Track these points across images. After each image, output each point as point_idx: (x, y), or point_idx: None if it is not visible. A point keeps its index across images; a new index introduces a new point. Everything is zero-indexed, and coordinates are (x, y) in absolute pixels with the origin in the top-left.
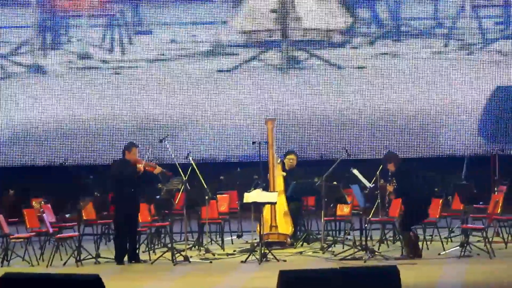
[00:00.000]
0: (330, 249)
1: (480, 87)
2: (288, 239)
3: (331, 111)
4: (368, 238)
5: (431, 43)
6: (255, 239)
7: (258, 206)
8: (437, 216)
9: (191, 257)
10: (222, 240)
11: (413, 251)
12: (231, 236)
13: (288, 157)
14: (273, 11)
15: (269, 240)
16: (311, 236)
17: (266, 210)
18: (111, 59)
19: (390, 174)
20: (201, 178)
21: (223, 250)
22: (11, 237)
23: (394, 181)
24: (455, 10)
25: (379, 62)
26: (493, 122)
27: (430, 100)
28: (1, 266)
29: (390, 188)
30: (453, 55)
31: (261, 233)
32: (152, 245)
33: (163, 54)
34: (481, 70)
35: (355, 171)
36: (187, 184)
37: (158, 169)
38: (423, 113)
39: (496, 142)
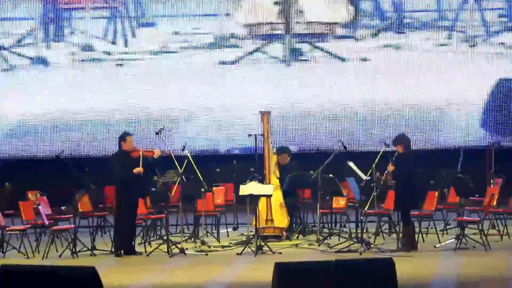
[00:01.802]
0: (325, 241)
1: (483, 79)
2: (284, 233)
3: (332, 103)
4: (364, 231)
5: (434, 35)
6: (251, 231)
7: (253, 199)
8: (433, 209)
9: (186, 249)
10: (218, 233)
11: (409, 244)
12: (227, 229)
13: (281, 156)
14: (276, 3)
15: (264, 234)
16: (306, 229)
17: (262, 203)
18: (114, 51)
19: (396, 155)
20: (197, 171)
21: (219, 243)
22: (7, 229)
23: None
24: (458, 2)
25: (382, 54)
26: (494, 115)
27: (432, 93)
28: None
29: (390, 167)
30: (456, 48)
31: (257, 226)
32: (148, 238)
33: (166, 47)
34: (484, 63)
35: (351, 164)
36: (183, 177)
37: (157, 152)
38: (424, 106)
39: (497, 134)
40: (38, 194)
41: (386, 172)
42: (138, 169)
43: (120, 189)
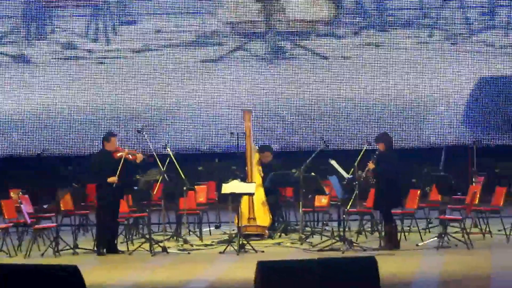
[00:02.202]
0: (308, 240)
1: (464, 77)
2: (266, 231)
3: (314, 101)
4: (346, 229)
5: (416, 33)
6: (233, 230)
7: (236, 197)
8: (415, 207)
9: (169, 248)
10: (200, 231)
11: (391, 242)
12: (209, 227)
13: (262, 155)
14: (258, 1)
15: (247, 232)
16: (289, 227)
17: (244, 201)
18: (95, 49)
19: (377, 153)
20: (179, 169)
21: (201, 241)
22: None
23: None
24: (440, 0)
25: (364, 52)
26: (475, 113)
27: (414, 91)
28: None
29: (371, 165)
30: (438, 45)
31: (239, 224)
32: (130, 236)
33: (148, 44)
34: (466, 61)
35: (333, 162)
36: (165, 175)
37: (139, 157)
38: (406, 104)
39: (478, 133)
40: (20, 193)
41: (366, 169)
42: (113, 179)
43: (100, 188)
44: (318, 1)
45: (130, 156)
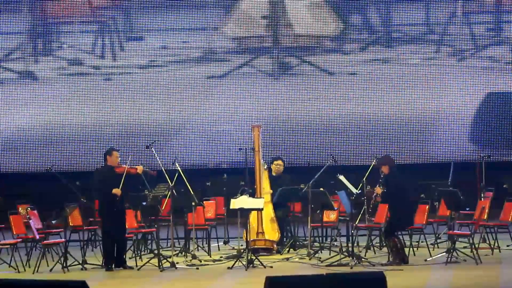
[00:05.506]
0: (316, 255)
1: (471, 93)
2: (275, 246)
3: (322, 117)
4: (355, 244)
5: (422, 49)
6: (242, 245)
7: (244, 212)
8: (424, 222)
9: (177, 263)
10: (209, 246)
11: (399, 257)
12: (218, 242)
13: (275, 162)
14: (264, 17)
15: (255, 246)
16: (297, 243)
17: (253, 216)
18: (102, 65)
19: (382, 176)
20: (187, 184)
21: (210, 256)
22: None
23: (382, 183)
24: (447, 16)
25: (370, 68)
26: (483, 128)
27: (420, 107)
28: None
29: (378, 190)
30: (444, 61)
31: (248, 239)
32: (139, 251)
33: (154, 61)
34: (472, 76)
35: (342, 178)
36: (174, 190)
37: (140, 168)
38: (413, 120)
39: (486, 148)
40: (29, 208)
41: (374, 195)
42: (116, 191)
43: (103, 204)
44: (324, 16)
45: (131, 170)
